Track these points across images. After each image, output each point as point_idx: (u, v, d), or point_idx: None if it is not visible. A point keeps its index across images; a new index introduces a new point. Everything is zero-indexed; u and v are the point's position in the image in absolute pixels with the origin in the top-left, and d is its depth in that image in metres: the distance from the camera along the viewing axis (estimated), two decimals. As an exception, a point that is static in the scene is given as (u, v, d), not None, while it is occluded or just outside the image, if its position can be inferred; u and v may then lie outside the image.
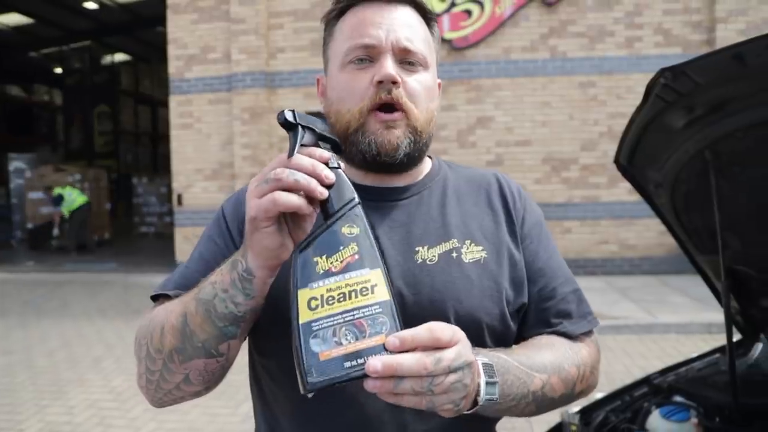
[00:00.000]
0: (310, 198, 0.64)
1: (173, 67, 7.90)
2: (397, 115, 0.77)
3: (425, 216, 0.82)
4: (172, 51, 7.89)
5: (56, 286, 7.83)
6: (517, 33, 7.26)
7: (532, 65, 7.27)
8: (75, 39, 15.85)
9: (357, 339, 0.60)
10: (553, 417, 1.89)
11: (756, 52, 0.88)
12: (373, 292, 0.62)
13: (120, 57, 17.85)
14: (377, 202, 0.80)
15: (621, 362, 4.39)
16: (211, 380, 0.75)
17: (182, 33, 7.84)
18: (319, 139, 0.69)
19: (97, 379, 4.30)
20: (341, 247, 0.64)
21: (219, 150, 7.85)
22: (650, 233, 7.17)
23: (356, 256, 0.63)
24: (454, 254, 0.80)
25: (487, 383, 0.66)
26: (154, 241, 11.50)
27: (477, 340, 0.75)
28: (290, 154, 0.64)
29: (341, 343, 0.60)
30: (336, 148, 0.71)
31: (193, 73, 7.85)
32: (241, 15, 7.55)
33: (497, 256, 0.82)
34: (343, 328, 0.61)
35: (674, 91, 1.04)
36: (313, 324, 0.61)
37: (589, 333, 0.87)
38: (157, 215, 12.32)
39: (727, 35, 6.80)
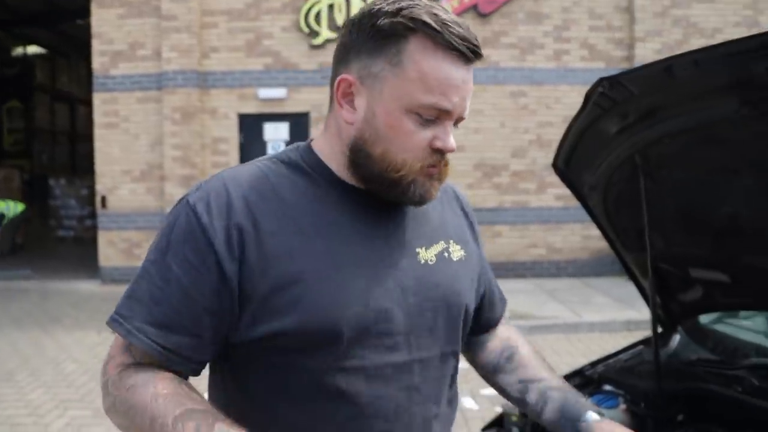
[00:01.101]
0: None
1: (97, 62, 7.51)
2: (439, 168, 0.81)
3: (416, 219, 0.87)
4: (96, 46, 7.49)
5: (-39, 294, 7.20)
6: (451, 42, 7.46)
7: (467, 74, 7.49)
8: (-20, 26, 14.66)
9: None
10: (488, 414, 1.96)
11: (683, 66, 0.97)
12: None
13: (34, 49, 16.68)
14: (379, 206, 0.82)
15: (550, 359, 4.54)
16: None
17: (108, 27, 7.46)
18: None
19: (10, 394, 3.99)
20: None
21: (148, 151, 7.53)
22: (575, 237, 7.57)
23: None
24: (446, 254, 0.87)
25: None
26: (74, 246, 10.82)
27: (462, 325, 0.90)
28: None
29: None
30: None
31: (119, 70, 7.48)
32: (172, 11, 7.29)
33: (470, 255, 0.92)
34: None
35: (610, 99, 1.12)
36: None
37: None
38: (77, 219, 11.58)
39: (645, 53, 7.31)
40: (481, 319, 1.01)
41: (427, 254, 0.84)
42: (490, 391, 3.95)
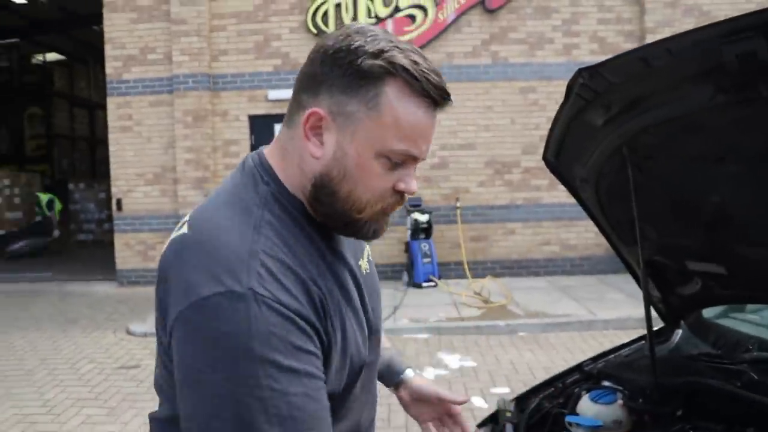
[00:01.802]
0: None
1: (111, 67, 7.64)
2: (395, 208, 0.83)
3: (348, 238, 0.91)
4: (109, 51, 7.63)
5: (-17, 297, 7.38)
6: (459, 38, 7.43)
7: (475, 70, 7.45)
8: (1, 35, 14.96)
9: None
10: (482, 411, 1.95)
11: (657, 54, 0.95)
12: None
13: (53, 56, 16.98)
14: (330, 233, 0.84)
15: (562, 358, 4.55)
16: None
17: (120, 33, 7.59)
18: None
19: (29, 393, 4.09)
20: None
21: (161, 154, 7.64)
22: (589, 234, 7.47)
23: None
24: (370, 258, 0.96)
25: None
26: (93, 250, 11.02)
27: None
28: None
29: None
30: None
31: (132, 75, 7.60)
32: (182, 15, 7.39)
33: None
34: None
35: (592, 90, 1.11)
36: None
37: None
38: (96, 222, 11.81)
39: (655, 45, 7.21)
40: None
41: (365, 264, 0.92)
42: (499, 389, 3.92)
